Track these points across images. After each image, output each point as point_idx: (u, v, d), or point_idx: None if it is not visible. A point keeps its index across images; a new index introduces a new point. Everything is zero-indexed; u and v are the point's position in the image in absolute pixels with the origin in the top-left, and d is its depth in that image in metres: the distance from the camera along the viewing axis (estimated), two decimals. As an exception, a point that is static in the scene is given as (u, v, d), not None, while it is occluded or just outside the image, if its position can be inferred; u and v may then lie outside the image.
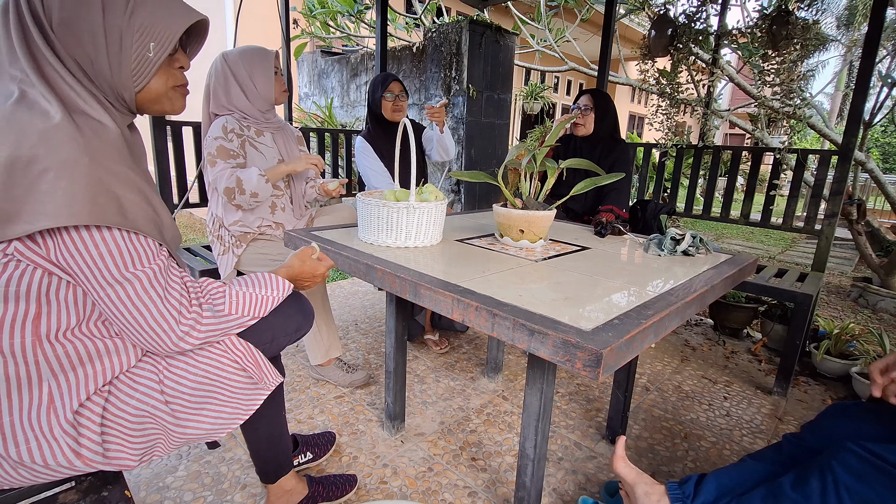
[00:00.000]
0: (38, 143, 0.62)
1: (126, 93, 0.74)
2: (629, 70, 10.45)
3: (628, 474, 1.13)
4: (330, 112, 4.99)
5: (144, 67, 0.74)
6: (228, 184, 1.56)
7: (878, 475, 0.81)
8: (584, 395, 1.87)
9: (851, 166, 2.24)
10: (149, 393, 0.78)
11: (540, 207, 1.34)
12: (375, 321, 2.51)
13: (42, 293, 0.68)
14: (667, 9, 3.12)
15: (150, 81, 0.76)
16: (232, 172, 1.58)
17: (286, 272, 1.02)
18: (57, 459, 0.71)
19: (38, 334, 0.69)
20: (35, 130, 0.62)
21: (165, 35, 0.74)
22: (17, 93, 0.65)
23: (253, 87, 1.66)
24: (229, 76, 1.64)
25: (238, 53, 1.64)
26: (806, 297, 1.88)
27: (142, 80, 0.75)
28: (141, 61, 0.73)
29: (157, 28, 0.73)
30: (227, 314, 0.82)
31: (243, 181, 1.57)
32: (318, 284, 1.78)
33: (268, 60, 1.67)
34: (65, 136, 0.63)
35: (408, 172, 1.39)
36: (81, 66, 0.70)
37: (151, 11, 0.72)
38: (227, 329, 0.82)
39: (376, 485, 1.34)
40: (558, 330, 0.77)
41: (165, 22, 0.74)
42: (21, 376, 0.69)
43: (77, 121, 0.66)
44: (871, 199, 8.07)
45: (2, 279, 0.65)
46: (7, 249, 0.64)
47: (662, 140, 2.83)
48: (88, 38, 0.69)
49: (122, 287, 0.69)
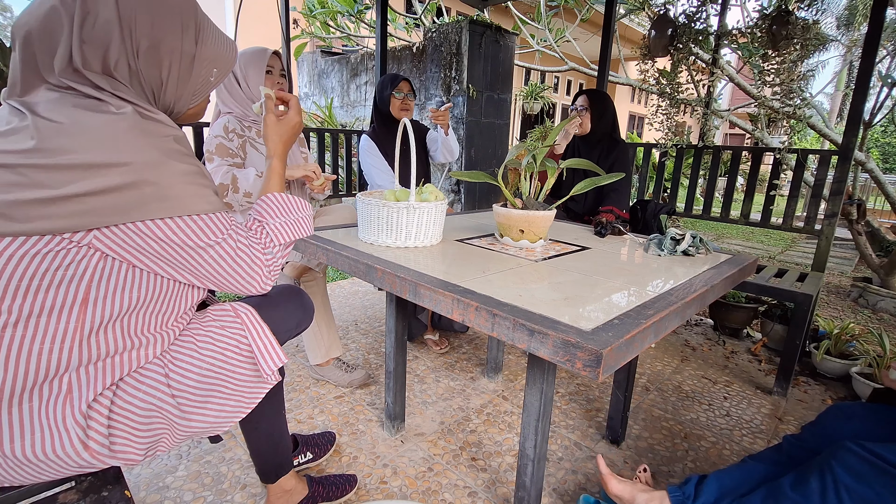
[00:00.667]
0: (117, 146, 0.66)
1: (179, 108, 0.83)
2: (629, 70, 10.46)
3: (624, 490, 1.14)
4: (330, 112, 4.99)
5: (205, 89, 0.85)
6: (223, 180, 1.56)
7: (878, 475, 0.81)
8: (584, 395, 1.87)
9: (851, 166, 2.24)
10: (155, 386, 0.79)
11: (540, 207, 1.34)
12: (375, 321, 2.51)
13: (95, 279, 0.69)
14: (667, 9, 3.12)
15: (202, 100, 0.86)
16: (228, 170, 1.58)
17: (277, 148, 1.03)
18: (66, 452, 0.71)
19: (82, 322, 0.70)
20: (110, 133, 0.66)
21: (226, 63, 0.86)
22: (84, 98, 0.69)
23: (247, 87, 1.67)
24: (230, 76, 1.65)
25: (239, 54, 1.65)
26: (806, 297, 1.88)
27: (198, 99, 0.85)
28: (203, 84, 0.84)
29: (220, 57, 0.84)
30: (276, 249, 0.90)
31: (239, 179, 1.57)
32: (317, 280, 1.79)
33: (261, 61, 1.67)
34: (139, 138, 0.68)
35: (409, 172, 1.39)
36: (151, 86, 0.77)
37: (214, 41, 0.82)
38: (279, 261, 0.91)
39: (376, 485, 1.34)
40: (558, 330, 0.77)
41: (225, 51, 0.85)
42: (51, 367, 0.69)
43: (144, 123, 0.70)
44: (871, 199, 8.07)
45: (60, 267, 0.66)
46: (83, 240, 0.66)
47: (662, 140, 2.83)
48: (165, 64, 0.76)
49: (219, 247, 0.78)
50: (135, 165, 0.66)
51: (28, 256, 0.64)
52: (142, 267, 0.73)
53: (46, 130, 0.64)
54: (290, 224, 0.93)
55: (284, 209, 0.94)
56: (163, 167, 0.69)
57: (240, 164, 1.66)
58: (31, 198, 0.62)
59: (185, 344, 0.83)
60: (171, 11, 0.75)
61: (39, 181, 0.62)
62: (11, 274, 0.64)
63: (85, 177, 0.64)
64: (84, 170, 0.64)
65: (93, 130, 0.65)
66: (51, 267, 0.65)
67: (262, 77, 1.68)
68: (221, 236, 0.78)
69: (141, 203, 0.67)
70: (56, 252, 0.65)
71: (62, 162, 0.63)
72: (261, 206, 0.94)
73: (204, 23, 0.81)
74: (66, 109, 0.66)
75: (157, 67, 0.75)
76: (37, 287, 0.66)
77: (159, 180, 0.68)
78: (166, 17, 0.75)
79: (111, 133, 0.66)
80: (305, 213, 0.98)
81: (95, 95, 0.69)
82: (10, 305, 0.65)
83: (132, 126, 0.68)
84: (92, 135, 0.65)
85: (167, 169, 0.69)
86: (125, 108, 0.69)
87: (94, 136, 0.65)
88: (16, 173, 0.62)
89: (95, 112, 0.67)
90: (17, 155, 0.63)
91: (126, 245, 0.70)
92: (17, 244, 0.64)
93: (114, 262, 0.70)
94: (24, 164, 0.62)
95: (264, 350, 0.86)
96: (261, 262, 0.84)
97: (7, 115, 0.68)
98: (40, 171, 0.62)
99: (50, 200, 0.63)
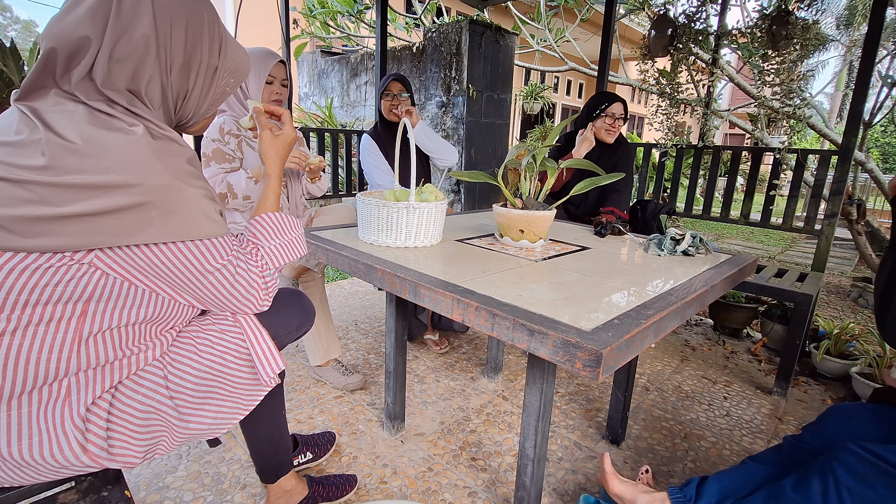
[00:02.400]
0: (129, 168, 0.65)
1: (196, 119, 0.83)
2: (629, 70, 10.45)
3: (625, 491, 1.13)
4: (330, 112, 4.99)
5: (222, 99, 0.85)
6: (221, 189, 1.57)
7: (879, 476, 0.81)
8: (584, 395, 1.87)
9: (851, 166, 2.24)
10: (154, 388, 0.79)
11: (540, 207, 1.34)
12: (375, 321, 2.51)
13: (95, 295, 0.69)
14: (667, 9, 3.11)
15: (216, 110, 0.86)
16: (223, 178, 1.58)
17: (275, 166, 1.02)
18: (65, 455, 0.71)
19: (80, 333, 0.70)
20: (123, 156, 0.65)
21: (243, 71, 0.86)
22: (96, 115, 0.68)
23: (245, 89, 1.66)
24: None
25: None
26: (806, 297, 1.88)
27: (213, 109, 0.86)
28: (221, 95, 0.84)
29: (238, 66, 0.85)
30: (273, 272, 0.90)
31: (233, 185, 1.57)
32: (316, 281, 1.79)
33: (263, 68, 1.64)
34: (152, 160, 0.67)
35: (409, 172, 1.39)
36: (175, 100, 0.77)
37: (234, 51, 0.83)
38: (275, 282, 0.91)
39: (376, 485, 1.34)
40: (558, 330, 0.77)
41: (241, 60, 0.85)
42: (49, 373, 0.69)
43: (157, 144, 0.70)
44: (871, 199, 8.07)
45: (60, 282, 0.66)
46: (84, 259, 0.66)
47: (662, 140, 2.83)
48: (193, 77, 0.77)
49: (219, 272, 0.78)
50: (144, 187, 0.65)
51: (28, 270, 0.64)
52: (142, 286, 0.73)
53: (58, 149, 0.63)
54: (285, 246, 0.93)
55: (279, 230, 0.93)
56: (172, 191, 0.68)
57: (237, 166, 1.66)
58: (35, 214, 0.62)
59: (185, 347, 0.83)
60: (202, 24, 0.76)
61: (46, 198, 0.62)
62: (11, 286, 0.64)
63: (92, 196, 0.63)
64: (92, 189, 0.63)
65: (106, 151, 0.64)
66: (50, 282, 0.65)
67: (261, 85, 1.65)
68: (223, 261, 0.78)
69: (146, 225, 0.67)
70: (56, 268, 0.65)
71: (72, 181, 0.62)
72: (256, 227, 0.92)
73: (225, 33, 0.81)
74: (78, 126, 0.65)
75: (186, 81, 0.76)
76: (35, 300, 0.65)
77: (166, 204, 0.68)
78: (197, 30, 0.75)
79: (124, 154, 0.65)
80: (298, 233, 0.97)
81: (107, 111, 0.68)
82: (9, 315, 0.65)
83: (145, 147, 0.67)
84: (105, 156, 0.64)
85: (176, 193, 0.69)
86: (137, 127, 0.68)
87: (106, 157, 0.64)
88: (24, 189, 0.62)
89: (109, 130, 0.66)
90: (27, 171, 0.62)
91: (127, 265, 0.69)
92: (17, 258, 0.63)
93: (114, 280, 0.70)
94: (34, 181, 0.62)
95: (262, 356, 0.86)
96: (258, 285, 0.84)
97: (17, 123, 0.66)
98: (49, 189, 0.62)
99: (55, 218, 0.62)
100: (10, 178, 0.62)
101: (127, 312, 0.73)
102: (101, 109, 0.68)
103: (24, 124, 0.66)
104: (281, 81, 1.72)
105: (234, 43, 0.83)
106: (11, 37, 2.30)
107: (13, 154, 0.63)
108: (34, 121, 0.65)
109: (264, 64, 1.64)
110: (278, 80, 1.70)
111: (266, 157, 1.03)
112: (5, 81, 2.15)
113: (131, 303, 0.73)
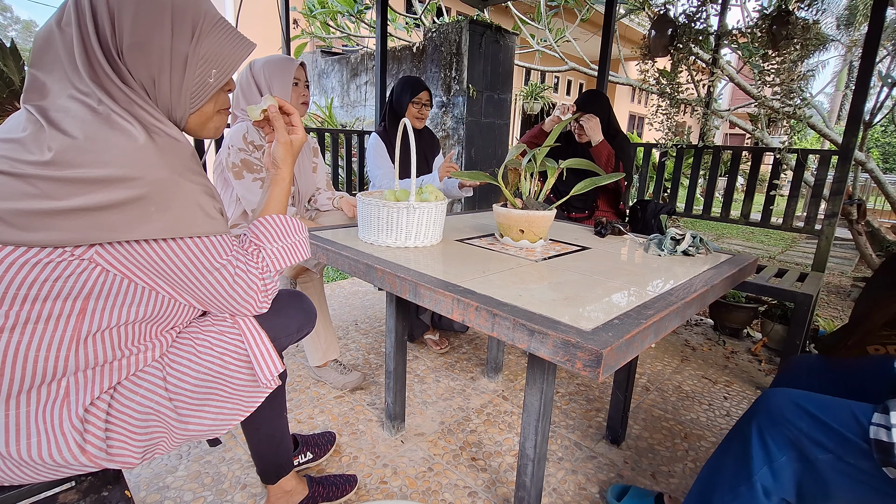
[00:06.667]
0: (129, 162, 0.65)
1: (179, 114, 0.79)
2: (629, 70, 10.46)
3: None
4: (330, 112, 4.99)
5: (203, 92, 0.79)
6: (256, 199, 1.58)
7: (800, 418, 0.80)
8: (584, 395, 1.87)
9: (851, 166, 2.24)
10: (153, 389, 0.79)
11: (540, 207, 1.34)
12: (375, 321, 2.51)
13: (94, 292, 0.69)
14: (667, 9, 3.11)
15: (203, 104, 0.81)
16: (256, 193, 1.60)
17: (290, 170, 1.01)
18: (63, 455, 0.71)
19: (78, 331, 0.70)
20: (123, 151, 0.65)
21: (228, 63, 0.80)
22: (96, 112, 0.68)
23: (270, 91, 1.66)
24: (251, 83, 1.64)
25: (263, 63, 1.64)
26: (806, 297, 1.88)
27: (197, 103, 0.80)
28: (201, 86, 0.78)
29: (220, 57, 0.79)
30: (273, 275, 0.89)
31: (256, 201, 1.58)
32: (315, 282, 1.79)
33: (288, 71, 1.65)
34: (152, 155, 0.67)
35: (410, 172, 1.39)
36: (144, 87, 0.74)
37: (216, 40, 0.78)
38: (275, 285, 0.90)
39: (376, 485, 1.34)
40: (558, 330, 0.77)
41: (228, 51, 0.79)
42: (48, 372, 0.69)
43: (157, 140, 0.69)
44: (871, 199, 8.07)
45: (60, 278, 0.66)
46: (84, 254, 0.66)
47: (662, 140, 2.83)
48: (155, 62, 0.73)
49: (218, 272, 0.78)
50: (143, 181, 0.66)
51: (29, 265, 0.64)
52: (141, 284, 0.73)
53: (61, 144, 0.63)
54: (288, 248, 0.92)
55: (283, 232, 0.93)
56: (172, 186, 0.68)
57: (264, 176, 1.66)
58: (36, 208, 0.62)
59: (184, 348, 0.83)
60: (162, 8, 0.72)
61: (47, 192, 0.62)
62: (11, 281, 0.64)
63: (92, 190, 0.63)
64: (92, 184, 0.63)
65: (106, 146, 0.65)
66: (50, 277, 0.65)
67: (288, 88, 1.65)
68: (222, 261, 0.78)
69: (144, 221, 0.67)
70: (56, 263, 0.65)
71: (73, 175, 0.63)
72: (260, 228, 0.91)
73: (205, 21, 0.77)
74: (80, 123, 0.66)
75: (146, 67, 0.73)
76: (35, 295, 0.65)
77: (165, 198, 0.68)
78: (152, 13, 0.72)
79: (124, 149, 0.66)
80: (303, 236, 0.96)
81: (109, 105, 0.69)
82: (8, 311, 0.65)
83: (145, 142, 0.67)
84: (105, 150, 0.65)
85: (176, 188, 0.69)
86: (137, 123, 0.69)
87: (106, 151, 0.65)
88: (26, 183, 0.62)
89: (110, 126, 0.67)
90: (29, 166, 0.63)
91: (126, 261, 0.69)
92: (18, 252, 0.64)
93: (114, 277, 0.70)
94: (35, 175, 0.62)
95: (261, 358, 0.86)
96: (257, 287, 0.84)
97: (24, 121, 0.67)
98: (50, 183, 0.62)
99: (55, 212, 0.63)
100: (12, 172, 0.63)
101: (126, 310, 0.73)
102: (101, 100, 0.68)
103: (30, 122, 0.67)
104: (305, 83, 1.73)
105: (222, 32, 0.79)
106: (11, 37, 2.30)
107: (17, 150, 0.64)
108: (39, 119, 0.66)
109: (288, 68, 1.65)
110: (302, 82, 1.72)
111: (284, 162, 1.00)
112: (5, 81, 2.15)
113: (130, 300, 0.73)
